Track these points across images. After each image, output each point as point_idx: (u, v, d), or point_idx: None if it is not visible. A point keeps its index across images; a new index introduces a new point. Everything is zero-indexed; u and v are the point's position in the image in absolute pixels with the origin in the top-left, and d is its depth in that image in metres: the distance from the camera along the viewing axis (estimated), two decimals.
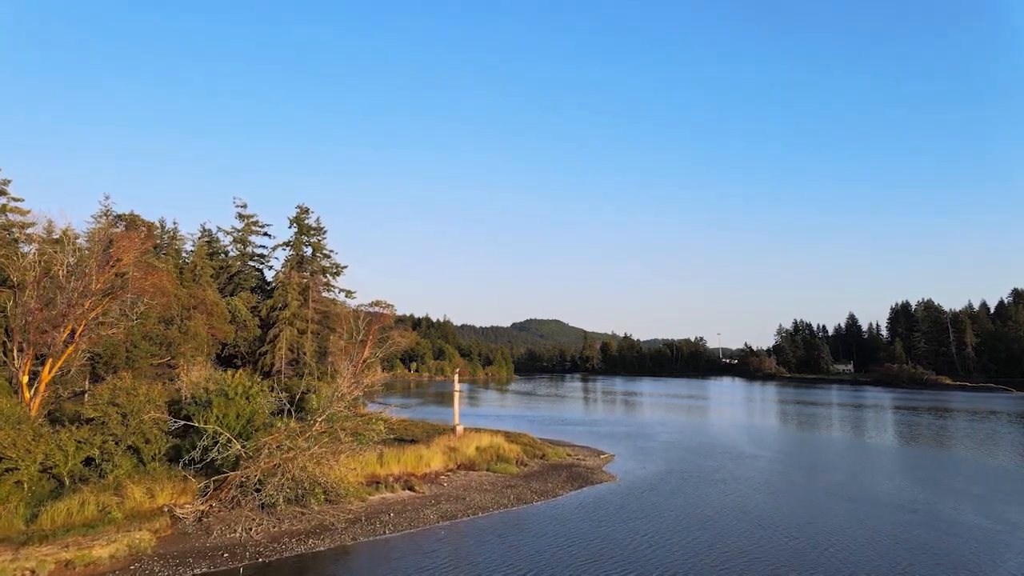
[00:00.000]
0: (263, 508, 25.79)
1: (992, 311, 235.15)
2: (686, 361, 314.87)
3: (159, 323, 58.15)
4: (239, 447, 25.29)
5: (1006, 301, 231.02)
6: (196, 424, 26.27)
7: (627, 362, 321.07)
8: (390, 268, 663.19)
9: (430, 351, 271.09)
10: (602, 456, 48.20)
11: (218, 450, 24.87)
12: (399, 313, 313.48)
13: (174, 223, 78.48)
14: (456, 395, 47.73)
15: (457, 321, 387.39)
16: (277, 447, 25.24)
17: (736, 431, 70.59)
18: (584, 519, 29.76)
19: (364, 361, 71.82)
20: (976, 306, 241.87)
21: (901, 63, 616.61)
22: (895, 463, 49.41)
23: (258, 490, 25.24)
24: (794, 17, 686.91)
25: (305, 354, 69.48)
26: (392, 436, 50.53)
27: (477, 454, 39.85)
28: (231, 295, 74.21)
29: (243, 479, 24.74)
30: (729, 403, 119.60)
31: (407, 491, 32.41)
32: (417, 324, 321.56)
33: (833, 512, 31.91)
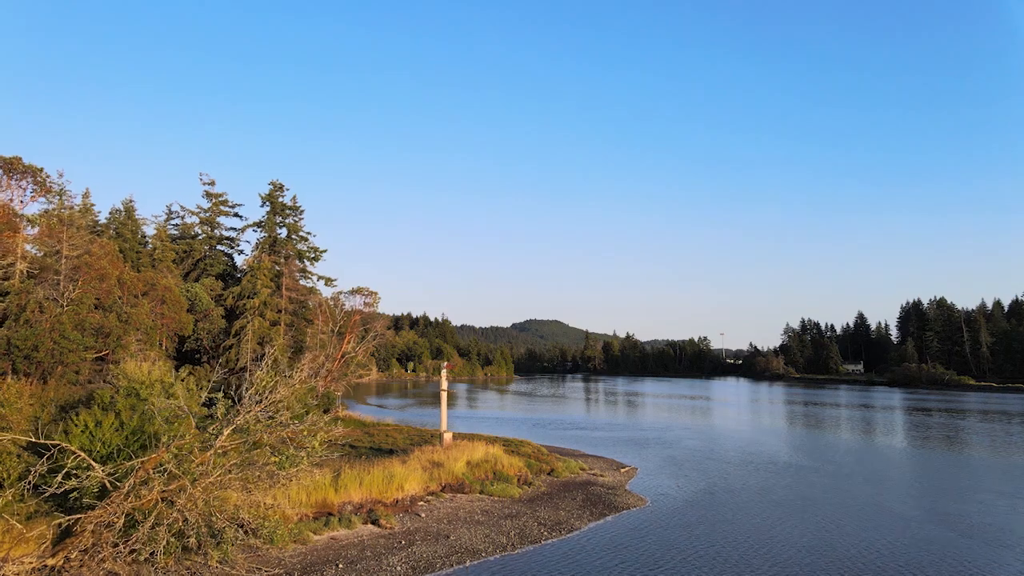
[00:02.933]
0: (145, 560, 17.21)
1: (1007, 309, 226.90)
2: (690, 361, 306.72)
3: (96, 310, 49.59)
4: (102, 473, 16.71)
5: (1021, 299, 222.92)
6: (36, 439, 17.57)
7: (630, 362, 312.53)
8: (389, 267, 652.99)
9: (427, 351, 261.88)
10: (623, 470, 39.54)
11: (61, 479, 16.20)
12: (397, 313, 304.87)
13: (130, 200, 69.83)
14: (443, 395, 39.03)
15: (456, 321, 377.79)
16: (157, 471, 16.74)
17: (766, 436, 61.93)
18: (615, 567, 21.14)
19: (342, 356, 63.29)
20: (990, 304, 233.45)
21: (905, 60, 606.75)
22: (970, 476, 40.79)
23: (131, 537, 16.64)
24: (796, 18, 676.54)
25: (275, 348, 60.68)
26: (368, 446, 41.95)
27: (468, 470, 31.16)
28: (195, 282, 65.63)
29: (102, 521, 16.20)
30: (744, 405, 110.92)
31: (370, 525, 23.75)
32: (414, 323, 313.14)
33: (964, 555, 23.24)
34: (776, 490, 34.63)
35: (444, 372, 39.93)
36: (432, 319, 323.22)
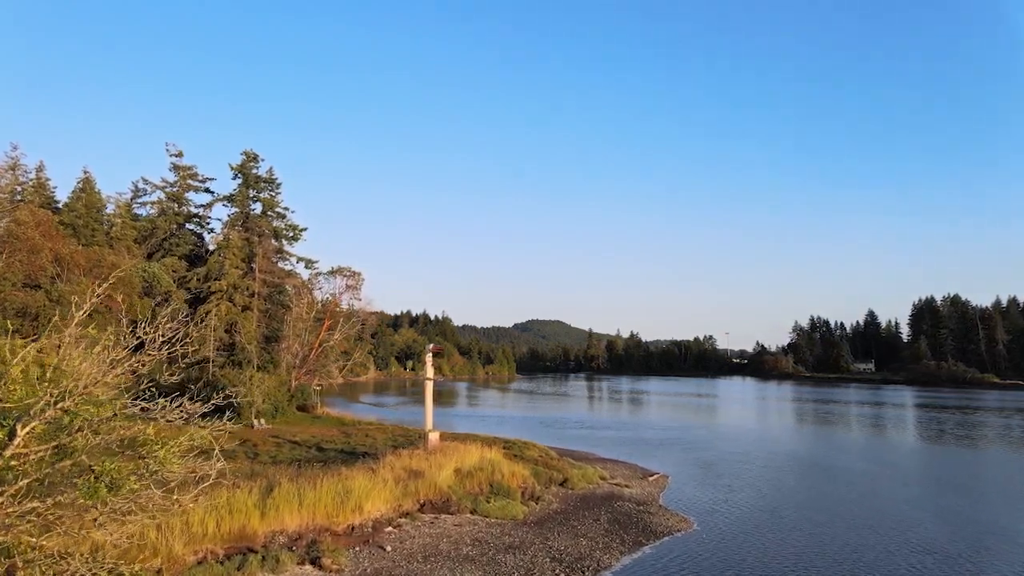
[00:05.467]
0: None
1: (1022, 307, 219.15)
2: (695, 361, 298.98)
3: (24, 288, 42.41)
4: None
5: None
6: None
7: (634, 362, 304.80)
8: (390, 268, 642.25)
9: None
10: (651, 478, 32.08)
11: None
12: (396, 311, 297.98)
13: (86, 172, 62.40)
14: (428, 385, 31.37)
15: (458, 321, 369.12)
16: None
17: (802, 437, 54.56)
18: None
19: (320, 346, 56.00)
20: (1004, 301, 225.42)
21: (910, 59, 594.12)
22: None
23: None
24: (809, 21, 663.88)
25: (242, 336, 53.22)
26: (339, 448, 34.60)
27: (457, 482, 23.72)
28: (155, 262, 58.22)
29: None
30: (761, 404, 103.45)
31: (307, 567, 16.35)
32: (414, 321, 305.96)
33: None
34: (854, 505, 27.13)
35: (429, 357, 32.32)
36: (432, 317, 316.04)
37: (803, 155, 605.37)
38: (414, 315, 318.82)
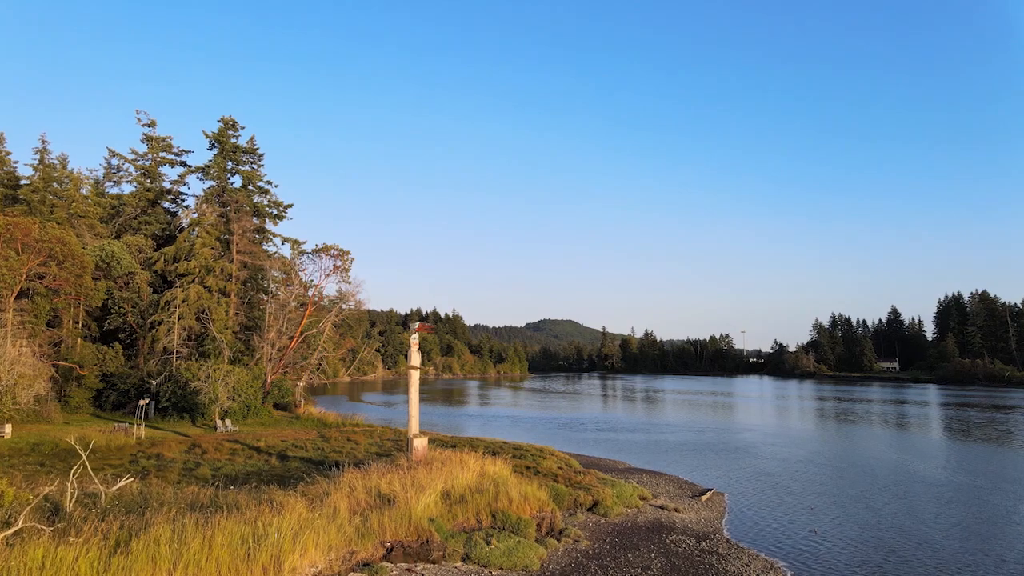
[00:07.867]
0: None
1: None
2: (711, 359, 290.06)
3: None
4: None
5: None
6: None
7: (649, 360, 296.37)
8: (398, 269, 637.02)
9: (437, 347, 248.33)
10: (703, 497, 24.75)
11: None
12: (406, 310, 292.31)
13: (41, 140, 55.89)
14: (413, 376, 23.95)
15: (470, 321, 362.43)
16: None
17: (871, 442, 46.73)
18: None
19: (301, 335, 49.17)
20: None
21: (919, 58, 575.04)
22: None
23: None
24: (818, 18, 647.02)
25: (213, 324, 46.31)
26: (308, 456, 27.69)
27: (444, 511, 16.63)
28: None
29: None
30: (794, 402, 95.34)
31: None
32: (424, 319, 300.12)
33: None
34: (1000, 538, 19.70)
35: (415, 339, 24.96)
36: (443, 315, 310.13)
37: (809, 157, 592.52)
38: (424, 313, 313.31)
